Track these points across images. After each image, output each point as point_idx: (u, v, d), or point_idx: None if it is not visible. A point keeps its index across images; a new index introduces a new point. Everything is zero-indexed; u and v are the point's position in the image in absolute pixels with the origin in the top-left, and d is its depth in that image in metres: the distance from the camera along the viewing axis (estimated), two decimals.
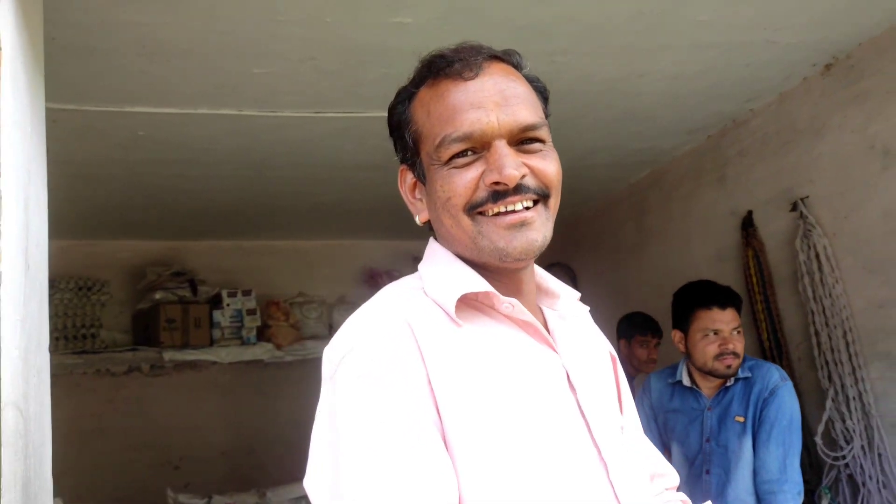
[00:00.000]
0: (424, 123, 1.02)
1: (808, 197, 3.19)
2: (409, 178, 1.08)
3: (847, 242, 3.04)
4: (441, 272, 1.03)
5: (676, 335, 2.68)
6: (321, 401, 0.94)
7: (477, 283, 1.00)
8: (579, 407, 1.01)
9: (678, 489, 1.29)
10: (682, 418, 2.72)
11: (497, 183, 0.97)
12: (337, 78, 2.77)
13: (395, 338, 0.92)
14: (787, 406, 2.51)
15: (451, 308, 0.97)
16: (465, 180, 0.98)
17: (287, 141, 3.37)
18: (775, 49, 2.84)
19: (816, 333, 3.14)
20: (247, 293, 4.95)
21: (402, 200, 1.11)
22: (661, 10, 2.46)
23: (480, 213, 0.98)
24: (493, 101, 0.98)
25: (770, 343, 3.46)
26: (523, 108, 1.00)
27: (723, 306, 2.58)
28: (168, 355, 4.61)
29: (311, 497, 0.91)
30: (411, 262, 5.75)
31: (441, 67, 1.01)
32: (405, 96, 1.07)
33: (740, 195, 3.65)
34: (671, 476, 1.27)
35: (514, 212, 0.98)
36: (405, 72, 1.09)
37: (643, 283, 4.34)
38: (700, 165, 3.94)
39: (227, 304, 4.87)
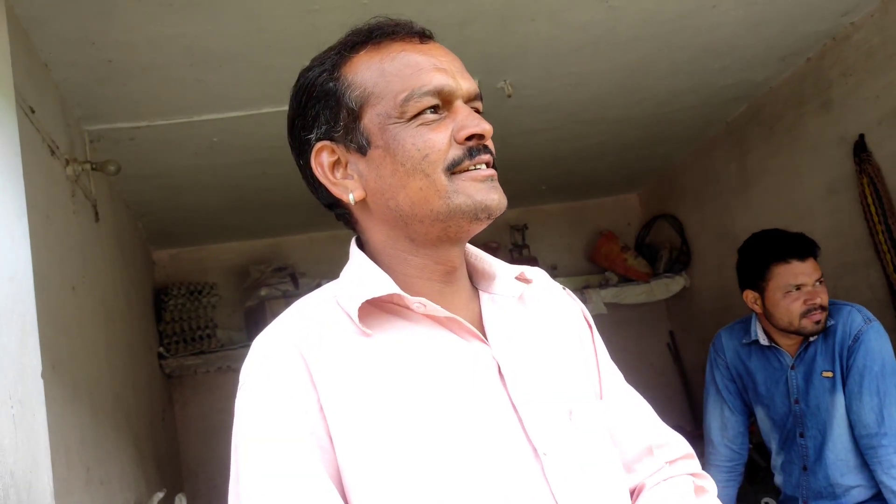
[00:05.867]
0: (378, 82, 0.96)
1: None
2: (327, 157, 1.00)
3: None
4: (350, 278, 0.99)
5: (750, 296, 2.44)
6: None
7: (382, 285, 0.94)
8: (511, 401, 0.94)
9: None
10: (764, 380, 2.49)
11: (471, 137, 0.94)
12: None
13: (279, 371, 0.92)
14: (875, 350, 2.24)
15: (356, 317, 0.93)
16: (441, 137, 0.94)
17: None
18: None
19: None
20: None
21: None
22: None
23: (454, 174, 0.94)
24: (452, 66, 0.98)
25: None
26: (471, 79, 0.99)
27: (802, 257, 2.33)
28: None
29: None
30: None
31: (387, 32, 0.98)
32: (330, 64, 0.99)
33: (849, 119, 3.32)
34: (675, 446, 1.13)
35: (483, 169, 0.96)
36: None
37: (751, 227, 4.04)
38: (801, 92, 3.60)
39: None
